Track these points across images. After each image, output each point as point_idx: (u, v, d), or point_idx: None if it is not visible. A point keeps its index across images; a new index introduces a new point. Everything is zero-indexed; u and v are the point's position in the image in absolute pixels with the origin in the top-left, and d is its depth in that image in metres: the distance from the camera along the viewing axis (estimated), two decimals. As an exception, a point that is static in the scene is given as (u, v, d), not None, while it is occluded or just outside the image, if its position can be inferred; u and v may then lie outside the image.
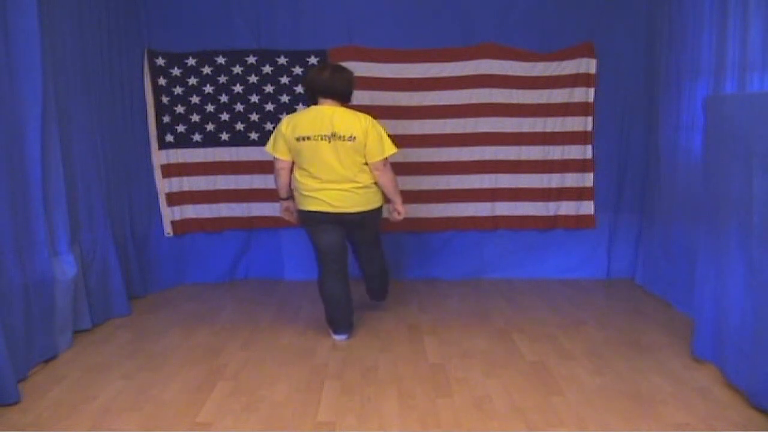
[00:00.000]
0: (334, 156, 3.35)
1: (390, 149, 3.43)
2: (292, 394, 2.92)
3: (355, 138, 3.34)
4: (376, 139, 3.38)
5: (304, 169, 3.43)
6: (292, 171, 3.52)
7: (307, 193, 3.44)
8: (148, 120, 4.59)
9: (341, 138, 3.34)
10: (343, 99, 3.46)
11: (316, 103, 3.45)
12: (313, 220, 3.49)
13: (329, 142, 3.34)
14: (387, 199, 3.62)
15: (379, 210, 3.57)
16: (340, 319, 3.62)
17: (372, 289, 4.00)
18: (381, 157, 3.41)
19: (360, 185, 3.42)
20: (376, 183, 3.48)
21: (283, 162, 3.49)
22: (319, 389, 2.96)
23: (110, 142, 4.10)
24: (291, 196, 3.64)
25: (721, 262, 2.96)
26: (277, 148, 3.47)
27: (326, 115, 3.37)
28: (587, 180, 4.79)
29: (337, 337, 3.64)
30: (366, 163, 3.43)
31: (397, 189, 3.56)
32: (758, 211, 2.62)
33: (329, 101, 3.41)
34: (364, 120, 3.39)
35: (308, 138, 3.35)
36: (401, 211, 3.61)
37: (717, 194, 2.99)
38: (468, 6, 4.63)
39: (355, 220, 3.47)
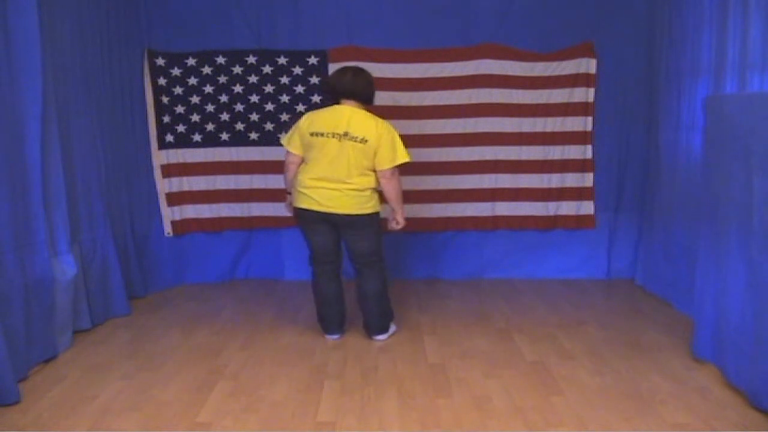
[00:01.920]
0: (337, 154, 3.34)
1: (402, 157, 3.40)
2: (292, 394, 2.92)
3: (367, 141, 3.33)
4: (388, 146, 3.35)
5: (305, 165, 3.44)
6: None
7: (300, 189, 3.43)
8: (148, 120, 4.59)
9: (353, 138, 3.33)
10: (365, 100, 3.47)
11: (338, 103, 3.46)
12: (305, 219, 3.49)
13: (339, 140, 3.34)
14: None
15: (372, 217, 3.46)
16: (331, 318, 3.62)
17: (366, 318, 3.64)
18: (391, 165, 3.38)
19: (352, 188, 3.37)
20: (373, 189, 3.44)
21: (293, 156, 3.49)
22: (319, 389, 2.96)
23: (110, 142, 4.10)
24: None
25: (721, 262, 2.96)
26: (291, 142, 3.49)
27: (344, 115, 3.38)
28: (587, 180, 4.79)
29: (329, 337, 3.64)
30: (373, 170, 3.40)
31: (400, 199, 3.50)
32: (758, 212, 2.62)
33: (351, 102, 3.43)
34: (381, 125, 3.37)
35: (321, 134, 3.36)
36: (401, 221, 3.54)
37: (717, 194, 2.98)
38: (468, 6, 4.63)
39: (344, 221, 3.42)
